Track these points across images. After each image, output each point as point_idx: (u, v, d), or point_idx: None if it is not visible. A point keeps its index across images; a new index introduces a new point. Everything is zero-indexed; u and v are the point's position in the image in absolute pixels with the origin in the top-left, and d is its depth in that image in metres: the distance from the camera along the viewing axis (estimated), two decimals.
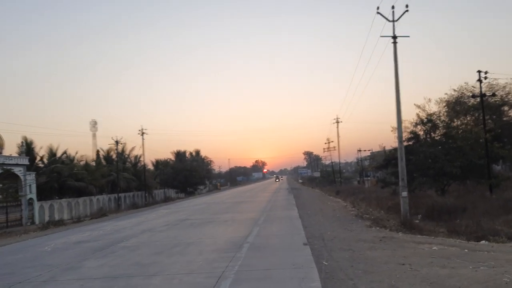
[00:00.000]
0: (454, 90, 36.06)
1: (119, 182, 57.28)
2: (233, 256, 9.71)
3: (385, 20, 19.94)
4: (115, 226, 21.86)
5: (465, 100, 35.85)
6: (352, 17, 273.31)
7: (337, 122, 63.49)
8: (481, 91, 27.87)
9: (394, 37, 19.77)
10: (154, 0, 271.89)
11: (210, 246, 11.68)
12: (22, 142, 46.99)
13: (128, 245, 13.27)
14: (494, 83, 32.99)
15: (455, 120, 34.77)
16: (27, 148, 46.84)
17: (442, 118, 31.78)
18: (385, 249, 9.84)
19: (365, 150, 78.76)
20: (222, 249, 11.05)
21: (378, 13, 19.67)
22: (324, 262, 8.48)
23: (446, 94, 36.42)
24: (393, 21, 19.81)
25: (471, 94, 34.46)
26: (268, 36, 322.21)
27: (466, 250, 9.80)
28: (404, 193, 19.28)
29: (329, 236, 12.29)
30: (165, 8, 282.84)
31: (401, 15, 19.65)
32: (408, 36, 20.33)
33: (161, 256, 10.55)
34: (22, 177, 39.69)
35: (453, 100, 36.09)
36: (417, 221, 19.16)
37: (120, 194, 57.40)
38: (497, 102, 34.43)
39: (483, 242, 11.99)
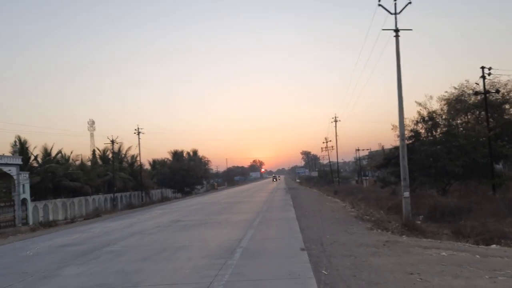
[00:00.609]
0: (455, 88, 35.30)
1: (115, 182, 56.48)
2: (224, 263, 8.91)
3: (386, 15, 19.24)
4: (105, 227, 21.03)
5: (465, 98, 35.10)
6: (352, 14, 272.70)
7: (335, 121, 62.81)
8: (484, 87, 27.13)
9: (396, 30, 19.02)
10: None
11: (201, 251, 10.86)
12: (15, 141, 46.19)
13: (114, 249, 12.44)
14: (495, 80, 32.20)
15: (456, 118, 34.02)
16: (21, 148, 46.06)
17: (444, 116, 31.08)
18: (390, 255, 9.04)
19: (363, 150, 78.19)
20: (213, 254, 10.24)
21: (379, 5, 18.93)
22: (323, 271, 7.67)
23: (446, 92, 35.65)
24: (395, 14, 19.08)
25: (472, 92, 33.72)
26: (266, 35, 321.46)
27: (477, 256, 9.01)
28: (406, 193, 18.52)
29: (328, 240, 11.48)
30: (164, 6, 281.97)
31: (404, 8, 18.93)
32: (411, 29, 19.67)
33: (147, 263, 9.72)
34: (15, 177, 38.85)
35: (454, 98, 35.32)
36: (418, 222, 18.44)
37: (116, 194, 56.61)
38: (498, 100, 33.63)
39: (493, 246, 11.21)
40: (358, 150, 76.38)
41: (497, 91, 29.71)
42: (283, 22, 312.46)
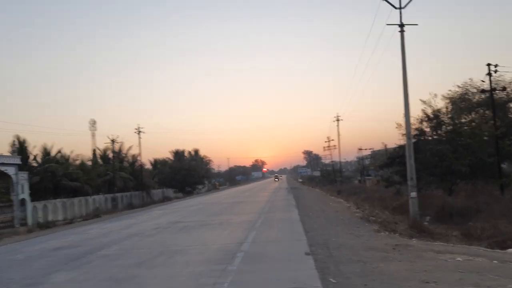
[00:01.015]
0: (458, 87, 34.69)
1: (115, 181, 55.94)
2: (223, 269, 8.29)
3: (389, 11, 18.65)
4: (103, 229, 20.45)
5: (469, 97, 34.51)
6: (355, 11, 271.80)
7: (338, 120, 62.17)
8: (490, 85, 26.48)
9: (401, 26, 18.40)
10: None
11: (199, 256, 10.25)
12: (14, 141, 45.65)
13: (108, 253, 11.83)
14: (500, 79, 31.52)
15: (460, 117, 33.41)
16: (20, 147, 45.53)
17: (449, 115, 30.46)
18: (402, 261, 8.42)
19: (365, 149, 77.54)
20: (212, 259, 9.63)
21: None
22: (331, 279, 7.04)
23: (450, 91, 35.05)
24: (400, 8, 18.46)
25: (476, 90, 33.10)
26: (266, 34, 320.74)
27: (495, 262, 8.40)
28: (413, 194, 17.90)
29: (335, 243, 10.85)
30: (164, 7, 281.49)
31: (409, 2, 18.29)
32: (417, 24, 18.95)
33: (141, 268, 9.12)
34: (13, 177, 38.35)
35: (457, 97, 34.74)
36: (426, 223, 17.86)
37: (117, 194, 56.03)
38: (503, 99, 32.99)
39: (510, 250, 10.59)
40: (361, 149, 75.79)
41: (504, 89, 29.04)
42: (284, 20, 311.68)
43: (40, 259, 12.02)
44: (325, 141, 71.39)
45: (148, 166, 78.30)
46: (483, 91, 28.74)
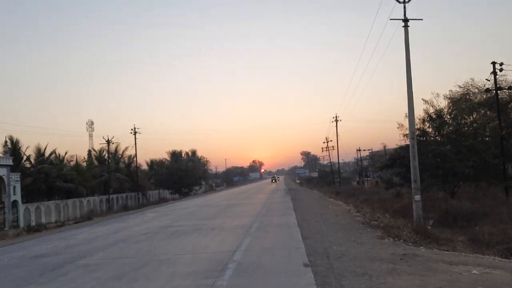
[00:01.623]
0: (460, 87, 33.91)
1: (110, 182, 55.00)
2: (212, 284, 7.37)
3: (392, 7, 17.79)
4: (90, 233, 19.48)
5: (470, 97, 33.74)
6: (355, 10, 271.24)
7: (336, 120, 61.32)
8: (496, 84, 25.65)
9: (405, 20, 17.53)
10: (150, 0, 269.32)
11: (187, 267, 9.30)
12: (5, 142, 44.65)
13: (89, 262, 10.88)
14: (501, 78, 30.69)
15: (462, 117, 32.61)
16: (13, 148, 44.55)
17: (452, 114, 29.66)
18: (411, 274, 7.52)
19: (364, 150, 76.70)
20: (201, 271, 8.70)
21: None
22: None
23: (450, 91, 34.27)
24: (404, 2, 17.60)
25: (478, 90, 32.37)
26: (265, 34, 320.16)
27: None
28: (417, 197, 17.00)
29: (336, 252, 9.93)
30: (163, 7, 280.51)
31: None
32: (421, 19, 18.03)
33: (121, 282, 8.19)
34: (5, 178, 37.43)
35: (458, 97, 33.95)
36: (429, 227, 16.98)
37: (112, 196, 55.15)
38: (505, 99, 32.21)
39: None
40: (360, 150, 74.92)
41: (510, 88, 28.23)
42: (283, 20, 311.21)
43: (15, 268, 11.06)
44: (324, 142, 70.60)
45: (145, 167, 77.49)
46: (487, 90, 27.92)
